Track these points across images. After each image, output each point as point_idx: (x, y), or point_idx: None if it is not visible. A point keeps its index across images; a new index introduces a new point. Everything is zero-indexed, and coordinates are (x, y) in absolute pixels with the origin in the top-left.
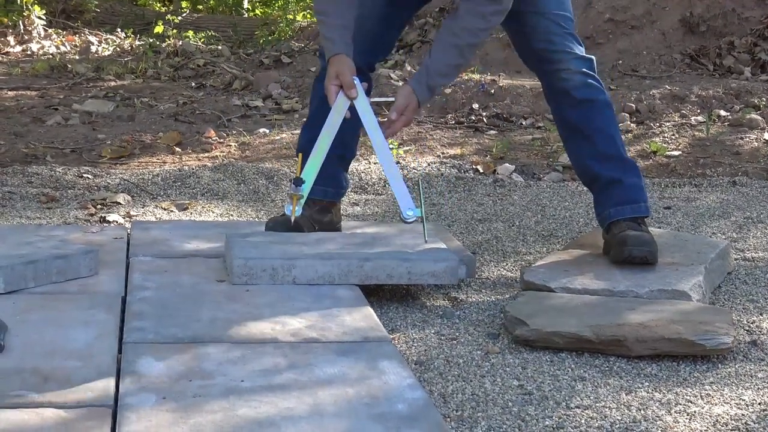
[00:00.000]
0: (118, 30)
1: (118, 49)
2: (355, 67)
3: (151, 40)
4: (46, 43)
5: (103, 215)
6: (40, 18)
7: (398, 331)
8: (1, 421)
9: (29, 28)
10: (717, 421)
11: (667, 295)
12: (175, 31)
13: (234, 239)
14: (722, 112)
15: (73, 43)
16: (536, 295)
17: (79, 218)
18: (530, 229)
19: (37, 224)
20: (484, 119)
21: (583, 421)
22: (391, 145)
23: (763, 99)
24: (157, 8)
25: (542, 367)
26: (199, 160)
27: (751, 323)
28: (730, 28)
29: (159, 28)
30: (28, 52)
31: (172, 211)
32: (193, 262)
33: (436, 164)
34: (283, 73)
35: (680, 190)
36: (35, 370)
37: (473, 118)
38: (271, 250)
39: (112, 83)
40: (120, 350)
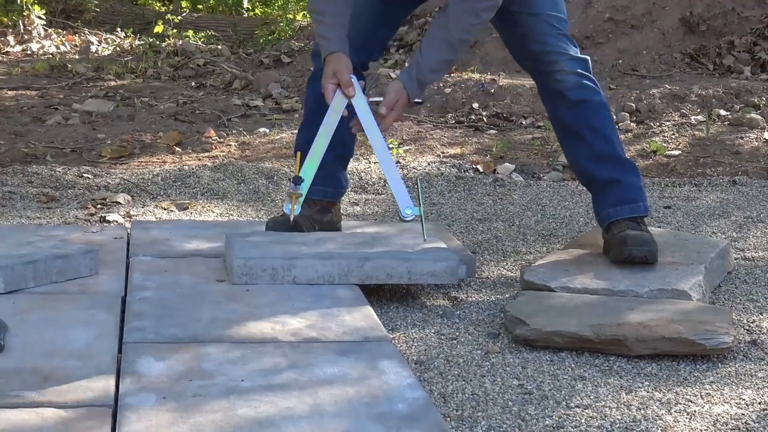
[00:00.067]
0: (118, 30)
1: (118, 49)
2: (352, 66)
3: (151, 40)
4: (46, 43)
5: (103, 215)
6: (40, 18)
7: (398, 331)
8: (1, 421)
9: (29, 28)
10: (717, 420)
11: (667, 295)
12: (175, 30)
13: (234, 239)
14: (722, 112)
15: (73, 43)
16: (536, 294)
17: (79, 218)
18: (530, 228)
19: (37, 224)
20: (484, 119)
21: (583, 421)
22: (391, 145)
23: (763, 98)
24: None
25: (542, 367)
26: (199, 159)
27: (751, 323)
28: (730, 27)
29: (159, 28)
30: (28, 52)
31: (172, 211)
32: (193, 261)
33: (436, 164)
34: (283, 73)
35: (680, 190)
36: (35, 369)
37: (473, 117)
38: (271, 250)
39: (112, 83)
40: (120, 350)
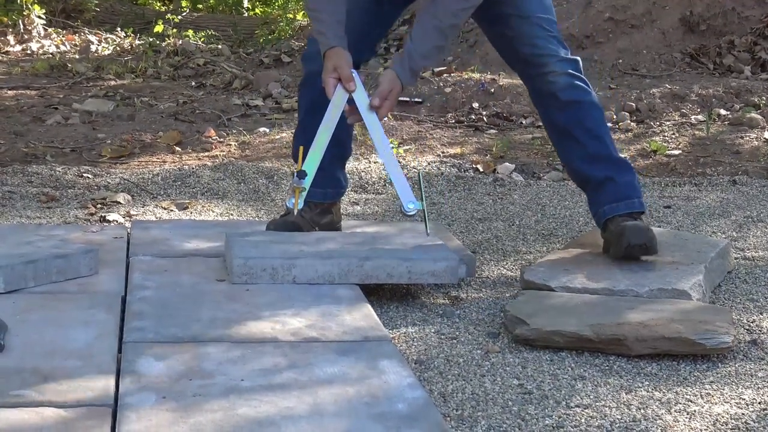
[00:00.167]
0: (118, 29)
1: (118, 49)
2: (352, 60)
3: (151, 40)
4: (46, 43)
5: (103, 215)
6: (39, 17)
7: (398, 331)
8: (1, 421)
9: (29, 28)
10: (717, 420)
11: (667, 294)
12: (175, 30)
13: (234, 239)
14: (722, 111)
15: (73, 43)
16: (536, 294)
17: (79, 218)
18: (530, 228)
19: (37, 224)
20: (484, 118)
21: (583, 421)
22: (391, 144)
23: (763, 98)
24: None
25: (542, 367)
26: (199, 159)
27: (751, 322)
28: (730, 27)
29: (159, 28)
30: (28, 52)
31: (172, 211)
32: (193, 261)
33: (436, 163)
34: (283, 72)
35: (680, 189)
36: (35, 369)
37: (473, 117)
38: (271, 250)
39: (112, 82)
40: (120, 350)
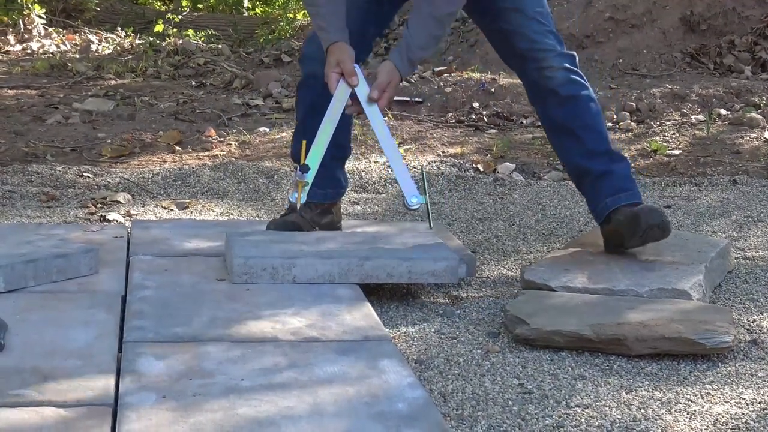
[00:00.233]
0: (119, 29)
1: (119, 48)
2: (354, 55)
3: (152, 39)
4: (47, 42)
5: (104, 214)
6: (40, 17)
7: (398, 330)
8: (1, 420)
9: (29, 27)
10: (717, 420)
11: (668, 294)
12: (176, 29)
13: (234, 238)
14: (723, 111)
15: (74, 42)
16: (536, 294)
17: (80, 217)
18: (530, 228)
19: (38, 223)
20: (485, 118)
21: (583, 420)
22: None
23: (764, 98)
24: (158, 7)
25: (542, 366)
26: (200, 158)
27: (752, 322)
28: (730, 26)
29: (159, 27)
30: (29, 51)
31: (172, 210)
32: (193, 261)
33: (437, 163)
34: (284, 72)
35: (680, 189)
36: (35, 369)
37: (473, 116)
38: (271, 249)
39: (113, 82)
40: (120, 349)
